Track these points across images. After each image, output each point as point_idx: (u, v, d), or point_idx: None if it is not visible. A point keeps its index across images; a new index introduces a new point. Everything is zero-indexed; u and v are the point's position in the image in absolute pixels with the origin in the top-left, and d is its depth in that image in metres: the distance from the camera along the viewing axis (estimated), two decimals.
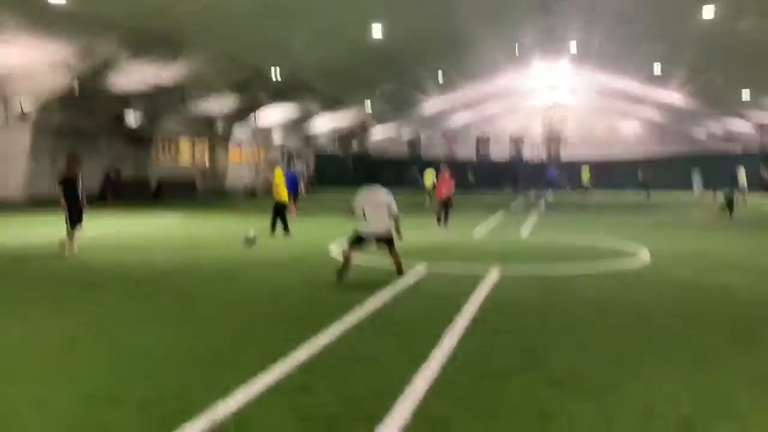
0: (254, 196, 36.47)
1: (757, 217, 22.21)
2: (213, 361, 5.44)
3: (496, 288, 8.86)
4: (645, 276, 9.98)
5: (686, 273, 10.21)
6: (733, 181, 28.48)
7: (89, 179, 19.09)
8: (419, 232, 15.25)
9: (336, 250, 12.34)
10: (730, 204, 21.30)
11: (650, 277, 9.83)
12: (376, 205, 9.59)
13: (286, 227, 15.35)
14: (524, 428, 4.04)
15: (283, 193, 15.55)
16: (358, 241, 9.54)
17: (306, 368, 5.26)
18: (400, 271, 9.51)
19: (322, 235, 15.09)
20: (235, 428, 4.04)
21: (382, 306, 7.69)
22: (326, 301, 7.97)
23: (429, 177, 27.68)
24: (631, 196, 36.80)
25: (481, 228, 17.73)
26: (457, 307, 7.55)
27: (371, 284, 8.93)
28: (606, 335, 6.36)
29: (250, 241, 12.98)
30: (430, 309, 7.56)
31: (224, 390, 4.69)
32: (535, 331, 6.51)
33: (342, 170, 46.13)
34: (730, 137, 45.80)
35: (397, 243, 9.69)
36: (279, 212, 15.42)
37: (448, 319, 6.94)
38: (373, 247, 9.85)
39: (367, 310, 7.39)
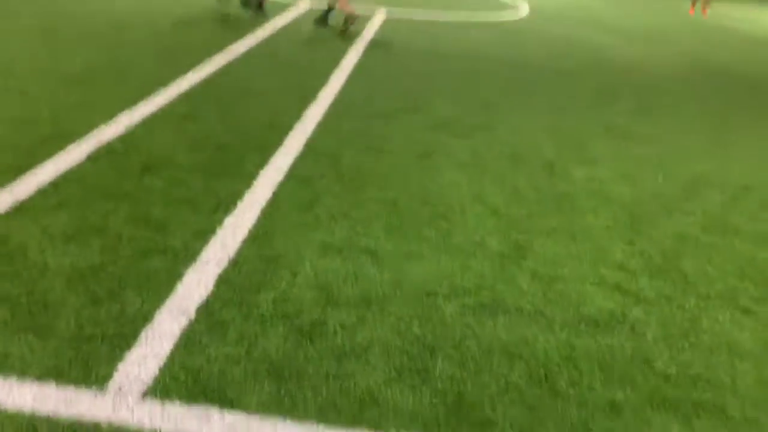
0: None
1: None
2: (88, 83, 5.11)
3: (381, 31, 8.73)
4: (524, 29, 10.21)
5: (562, 30, 10.56)
6: None
7: None
8: None
9: None
10: None
11: (528, 31, 10.09)
12: None
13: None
14: (407, 163, 4.33)
15: None
16: None
17: (191, 97, 5.12)
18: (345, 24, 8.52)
19: None
20: (123, 149, 3.98)
21: (265, 43, 7.40)
22: (208, 36, 7.51)
23: None
24: None
25: None
26: (342, 49, 7.44)
27: (253, 22, 8.47)
28: (482, 83, 6.65)
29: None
30: (314, 49, 7.39)
31: (106, 113, 4.51)
32: (418, 76, 6.65)
33: None
34: None
35: None
36: None
37: (333, 60, 6.87)
38: None
39: (249, 46, 7.11)
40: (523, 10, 12.21)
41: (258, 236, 3.20)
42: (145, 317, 2.52)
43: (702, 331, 2.86)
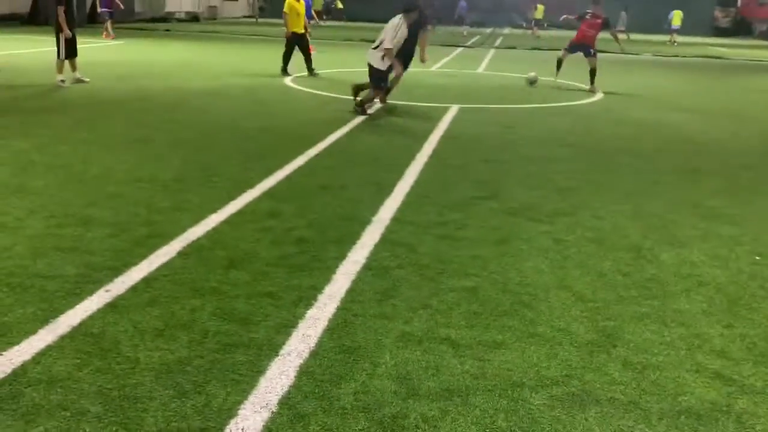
0: (197, 21, 34.50)
1: (700, 59, 22.48)
2: (177, 189, 5.44)
3: (456, 122, 8.94)
4: (597, 113, 10.20)
5: (637, 112, 10.48)
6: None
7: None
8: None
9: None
10: None
11: (603, 114, 10.06)
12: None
13: (309, 65, 13.57)
14: (486, 251, 4.30)
15: (297, 23, 13.43)
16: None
17: (273, 196, 5.35)
18: (360, 105, 9.34)
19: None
20: (210, 246, 4.16)
21: (345, 139, 7.72)
22: (287, 134, 7.93)
23: None
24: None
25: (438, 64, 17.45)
26: (418, 141, 7.65)
27: (331, 119, 8.90)
28: (561, 168, 6.61)
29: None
30: (391, 142, 7.63)
31: (194, 215, 4.76)
32: (493, 164, 6.71)
33: None
34: None
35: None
36: (294, 45, 13.56)
37: (409, 153, 7.05)
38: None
39: (329, 142, 7.43)
40: (597, 95, 12.25)
41: (337, 328, 3.21)
42: (229, 411, 2.54)
43: None
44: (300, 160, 6.54)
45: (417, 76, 14.60)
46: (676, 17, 30.51)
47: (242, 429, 2.43)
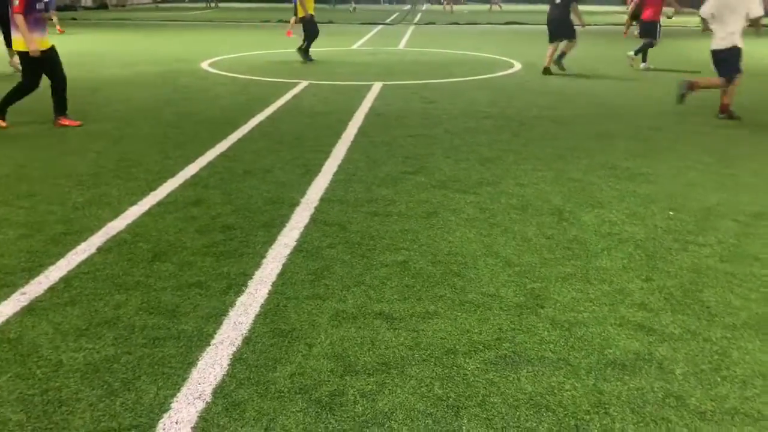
0: (105, 9, 33.04)
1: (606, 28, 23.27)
2: (94, 183, 5.21)
3: (380, 99, 8.94)
4: (517, 84, 10.41)
5: (554, 80, 10.75)
6: None
7: None
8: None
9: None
10: None
11: (522, 85, 10.28)
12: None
13: (303, 46, 13.15)
14: (416, 225, 4.33)
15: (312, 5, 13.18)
16: None
17: (196, 184, 5.20)
18: None
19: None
20: (131, 240, 4.01)
21: (268, 122, 7.59)
22: (208, 120, 7.72)
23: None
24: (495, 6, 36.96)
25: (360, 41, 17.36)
26: (343, 120, 7.60)
27: (253, 102, 8.73)
28: (484, 140, 6.72)
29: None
30: (316, 122, 7.55)
31: (114, 209, 4.58)
32: (420, 139, 6.75)
33: None
34: None
35: None
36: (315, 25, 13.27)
37: (335, 132, 7.01)
38: None
39: (251, 126, 7.29)
40: (515, 66, 12.50)
41: (270, 312, 3.17)
42: (161, 405, 2.47)
43: (733, 363, 2.76)
44: (223, 146, 6.38)
45: (338, 55, 14.50)
46: None
47: (176, 422, 2.37)
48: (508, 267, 3.69)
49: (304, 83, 10.19)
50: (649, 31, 12.08)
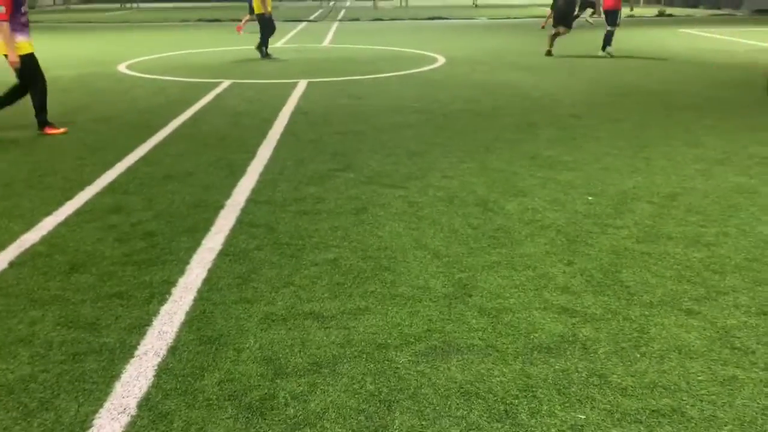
0: None
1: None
2: (4, 195, 4.95)
3: (306, 97, 8.86)
4: (442, 78, 10.54)
5: (477, 74, 10.95)
6: None
7: None
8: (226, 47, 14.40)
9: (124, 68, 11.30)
10: None
11: (446, 79, 10.41)
12: None
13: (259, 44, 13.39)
14: (345, 221, 4.32)
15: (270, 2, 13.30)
16: None
17: (114, 190, 5.02)
18: None
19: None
20: (46, 252, 3.83)
21: (189, 123, 7.40)
22: (126, 124, 7.45)
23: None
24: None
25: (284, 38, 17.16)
26: (269, 119, 7.50)
27: (172, 104, 8.48)
28: (411, 134, 6.77)
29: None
30: (240, 122, 7.41)
31: (26, 221, 4.36)
32: (348, 136, 6.73)
33: None
34: None
35: None
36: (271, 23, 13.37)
37: (260, 132, 6.90)
38: None
39: (172, 128, 7.09)
40: (439, 61, 12.65)
41: (196, 320, 3.09)
42: (82, 423, 2.37)
43: (651, 339, 2.88)
44: (142, 150, 6.18)
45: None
46: None
47: None
48: (437, 258, 3.73)
49: (226, 83, 9.99)
50: (612, 19, 13.25)
